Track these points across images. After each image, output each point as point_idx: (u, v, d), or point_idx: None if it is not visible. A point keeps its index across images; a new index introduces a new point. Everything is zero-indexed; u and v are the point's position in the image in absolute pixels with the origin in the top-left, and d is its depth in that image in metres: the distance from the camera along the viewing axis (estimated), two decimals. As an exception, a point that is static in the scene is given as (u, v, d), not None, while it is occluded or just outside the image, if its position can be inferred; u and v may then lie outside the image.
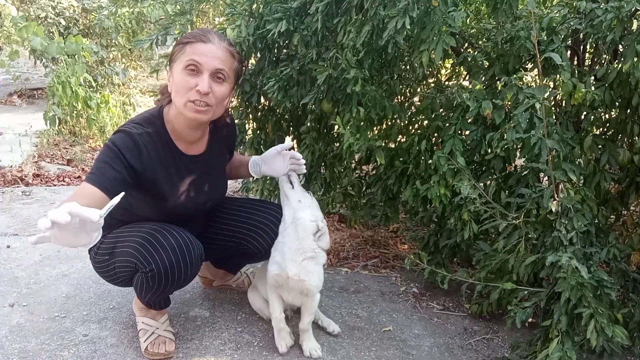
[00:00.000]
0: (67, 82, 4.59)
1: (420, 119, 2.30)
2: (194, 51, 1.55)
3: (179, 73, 1.56)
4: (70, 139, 4.84)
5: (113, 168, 1.47)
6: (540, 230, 1.72)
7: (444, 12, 1.65)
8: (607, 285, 1.56)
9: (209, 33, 1.61)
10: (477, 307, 2.04)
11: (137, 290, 1.69)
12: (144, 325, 1.78)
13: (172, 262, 1.54)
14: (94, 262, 1.74)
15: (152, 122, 1.61)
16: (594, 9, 1.67)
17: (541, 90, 1.66)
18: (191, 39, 1.58)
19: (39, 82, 7.19)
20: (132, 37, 5.88)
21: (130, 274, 1.64)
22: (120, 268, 1.64)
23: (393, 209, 2.28)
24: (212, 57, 1.56)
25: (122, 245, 1.62)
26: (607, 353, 1.56)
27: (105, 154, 1.50)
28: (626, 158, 1.82)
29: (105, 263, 1.68)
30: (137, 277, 1.62)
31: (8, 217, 2.93)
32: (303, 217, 1.71)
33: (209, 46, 1.57)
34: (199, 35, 1.59)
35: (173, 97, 1.59)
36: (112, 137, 1.54)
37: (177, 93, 1.56)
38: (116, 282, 1.74)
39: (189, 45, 1.56)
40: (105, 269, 1.70)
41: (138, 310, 1.83)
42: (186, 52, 1.56)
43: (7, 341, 1.79)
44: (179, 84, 1.55)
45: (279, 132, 2.43)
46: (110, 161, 1.48)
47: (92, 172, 1.47)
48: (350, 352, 1.83)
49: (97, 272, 1.77)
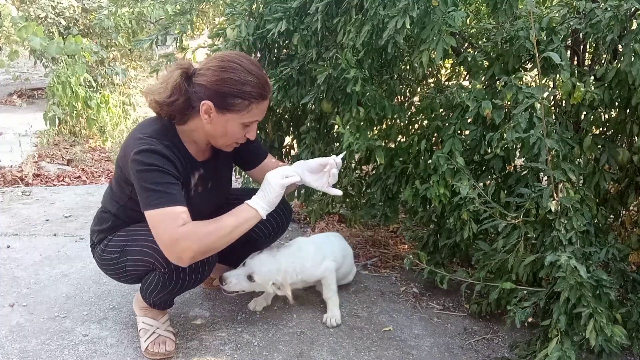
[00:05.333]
0: (67, 82, 4.59)
1: (420, 119, 2.30)
2: (259, 110, 1.59)
3: (236, 124, 1.58)
4: (70, 139, 4.84)
5: (170, 183, 1.51)
6: (540, 230, 1.73)
7: (444, 12, 1.65)
8: (606, 285, 1.56)
9: (268, 85, 1.61)
10: (477, 307, 2.04)
11: (146, 289, 1.69)
12: (144, 325, 1.78)
13: (190, 266, 1.57)
14: (100, 259, 1.75)
15: (166, 135, 1.59)
16: (594, 9, 1.67)
17: (540, 90, 1.67)
18: (257, 97, 1.56)
19: (39, 82, 7.19)
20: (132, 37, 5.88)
21: (143, 272, 1.66)
22: (132, 266, 1.66)
23: (393, 208, 2.28)
24: (265, 110, 1.63)
25: (135, 244, 1.64)
26: (606, 353, 1.56)
27: (154, 175, 1.49)
28: (625, 158, 1.82)
29: (114, 261, 1.69)
30: (151, 276, 1.65)
31: (8, 217, 2.93)
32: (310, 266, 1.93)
33: (267, 101, 1.61)
34: (265, 92, 1.58)
35: (215, 135, 1.60)
36: (141, 157, 1.49)
37: (224, 136, 1.61)
38: (123, 279, 1.76)
39: (255, 104, 1.56)
40: (113, 267, 1.71)
41: (139, 310, 1.83)
42: (252, 112, 1.57)
43: (7, 341, 1.79)
44: (231, 132, 1.60)
45: (279, 132, 2.43)
46: (164, 179, 1.50)
47: (160, 198, 1.48)
48: (350, 352, 1.83)
49: (102, 269, 1.78)
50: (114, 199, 1.73)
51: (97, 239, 1.77)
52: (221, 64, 1.54)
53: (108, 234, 1.73)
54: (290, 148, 2.62)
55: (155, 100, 1.57)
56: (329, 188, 1.73)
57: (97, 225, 1.78)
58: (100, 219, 1.78)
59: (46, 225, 2.84)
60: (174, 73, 1.56)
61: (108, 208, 1.75)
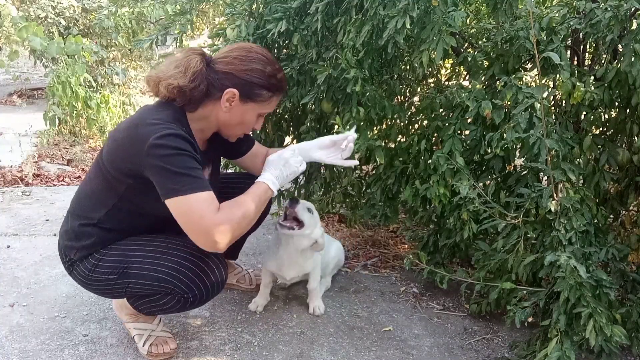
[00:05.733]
0: (67, 82, 4.58)
1: (420, 119, 2.30)
2: (275, 103, 1.63)
3: (253, 114, 1.60)
4: (70, 139, 4.83)
5: (197, 168, 1.44)
6: (540, 230, 1.73)
7: (444, 12, 1.65)
8: (606, 285, 1.56)
9: (286, 79, 1.66)
10: (477, 307, 2.04)
11: (151, 307, 1.63)
12: (138, 331, 1.73)
13: (213, 288, 1.58)
14: (85, 278, 1.59)
15: (180, 121, 1.50)
16: (594, 9, 1.67)
17: (540, 90, 1.67)
18: (280, 90, 1.61)
19: (39, 82, 7.19)
20: (132, 37, 5.88)
21: (150, 294, 1.58)
22: (137, 289, 1.57)
23: (393, 208, 2.28)
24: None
25: (141, 266, 1.54)
26: (605, 353, 1.57)
27: (182, 160, 1.41)
28: (625, 158, 1.82)
29: (109, 282, 1.57)
30: (165, 299, 1.57)
31: (8, 217, 2.93)
32: (306, 242, 1.89)
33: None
34: (285, 86, 1.65)
35: (230, 123, 1.60)
36: (165, 141, 1.40)
37: (240, 124, 1.61)
38: (114, 297, 1.69)
39: (276, 96, 1.61)
40: (106, 287, 1.59)
41: (126, 316, 1.76)
42: (271, 104, 1.61)
43: (7, 341, 1.79)
44: (246, 121, 1.60)
45: (279, 132, 2.43)
46: (192, 164, 1.43)
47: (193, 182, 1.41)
48: (350, 352, 1.83)
49: (84, 286, 1.64)
50: (99, 203, 1.57)
51: (78, 257, 1.58)
52: (248, 54, 1.53)
53: (92, 250, 1.57)
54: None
55: (178, 85, 1.47)
56: (344, 161, 1.73)
57: (75, 240, 1.59)
58: (79, 233, 1.58)
59: (46, 225, 2.84)
60: (192, 58, 1.50)
61: (89, 216, 1.58)
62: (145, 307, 1.65)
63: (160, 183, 1.41)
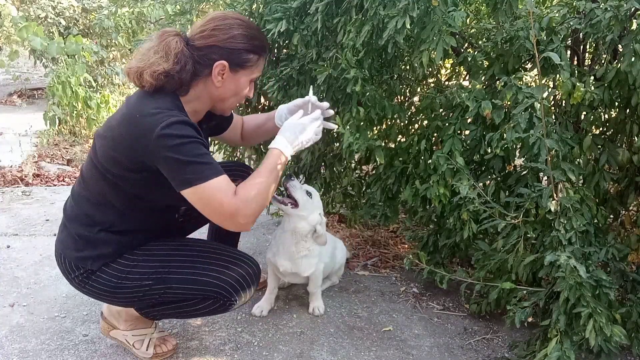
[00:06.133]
0: (67, 82, 4.59)
1: (420, 119, 2.30)
2: (262, 65, 1.57)
3: (245, 82, 1.54)
4: (70, 139, 4.83)
5: (207, 153, 1.41)
6: (539, 230, 1.73)
7: (444, 12, 1.65)
8: (605, 285, 1.56)
9: (265, 36, 1.60)
10: (477, 307, 2.04)
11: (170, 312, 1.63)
12: (138, 337, 1.71)
13: (251, 290, 1.62)
14: (114, 287, 1.52)
15: (178, 107, 1.45)
16: (594, 9, 1.67)
17: (540, 90, 1.67)
18: (264, 50, 1.55)
19: (39, 82, 7.19)
20: (132, 37, 5.88)
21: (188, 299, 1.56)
22: (174, 293, 1.55)
23: (392, 208, 2.28)
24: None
25: (185, 272, 1.53)
26: (605, 353, 1.57)
27: (193, 147, 1.37)
28: (625, 158, 1.82)
29: (141, 287, 1.52)
30: (203, 303, 1.57)
31: (8, 217, 2.93)
32: (302, 225, 1.84)
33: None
34: (267, 44, 1.56)
35: (225, 96, 1.54)
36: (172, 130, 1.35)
37: (235, 95, 1.56)
38: (139, 304, 1.62)
39: (262, 57, 1.54)
40: (135, 293, 1.54)
41: (124, 324, 1.71)
42: (259, 66, 1.55)
43: (7, 341, 1.79)
44: (240, 90, 1.55)
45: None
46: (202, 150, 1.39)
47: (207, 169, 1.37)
48: (350, 352, 1.83)
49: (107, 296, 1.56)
50: (106, 207, 1.52)
51: (97, 266, 1.52)
52: (225, 22, 1.47)
53: (115, 257, 1.52)
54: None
55: (164, 70, 1.40)
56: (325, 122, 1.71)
57: (89, 249, 1.51)
58: (93, 240, 1.52)
59: (46, 225, 2.84)
60: (170, 40, 1.43)
61: (99, 222, 1.52)
62: (163, 312, 1.64)
63: (173, 174, 1.39)
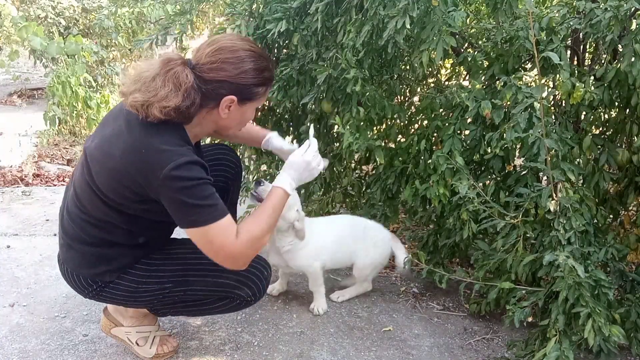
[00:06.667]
0: (67, 82, 4.59)
1: (420, 119, 2.30)
2: (269, 91, 1.60)
3: (251, 112, 1.56)
4: (70, 139, 4.83)
5: (213, 193, 1.41)
6: (539, 230, 1.73)
7: (444, 12, 1.66)
8: (604, 285, 1.56)
9: (272, 61, 1.64)
10: (476, 307, 2.04)
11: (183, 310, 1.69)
12: (141, 334, 1.71)
13: (265, 287, 1.66)
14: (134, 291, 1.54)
15: (184, 139, 1.43)
16: (594, 9, 1.67)
17: (540, 89, 1.67)
18: (271, 79, 1.55)
19: (39, 82, 7.18)
20: (132, 37, 5.88)
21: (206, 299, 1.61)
22: (194, 295, 1.59)
23: (392, 208, 2.29)
24: None
25: (203, 273, 1.57)
26: (604, 352, 1.57)
27: (201, 190, 1.38)
28: (625, 158, 1.83)
29: (162, 290, 1.56)
30: (219, 302, 1.62)
31: (8, 217, 2.93)
32: (280, 223, 1.84)
33: None
34: (273, 72, 1.57)
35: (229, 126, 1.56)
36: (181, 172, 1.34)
37: (240, 124, 1.59)
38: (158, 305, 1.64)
39: (269, 86, 1.56)
40: (155, 296, 1.56)
41: (129, 320, 1.71)
42: (266, 94, 1.58)
43: (7, 341, 1.79)
44: (246, 119, 1.58)
45: (279, 132, 2.43)
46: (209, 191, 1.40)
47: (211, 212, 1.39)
48: (350, 352, 1.83)
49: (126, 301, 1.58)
50: (111, 227, 1.49)
51: (115, 276, 1.53)
52: (236, 54, 1.42)
53: (131, 264, 1.54)
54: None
55: (174, 107, 1.35)
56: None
57: (102, 265, 1.52)
58: (105, 256, 1.52)
59: (46, 225, 2.84)
60: (179, 72, 1.36)
61: (108, 239, 1.51)
62: (177, 310, 1.68)
63: (178, 214, 1.40)
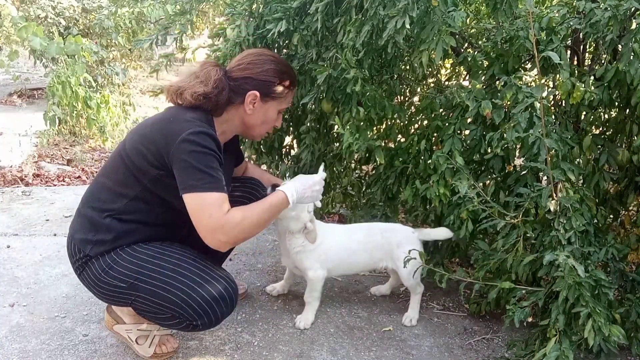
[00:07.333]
0: (67, 82, 4.59)
1: (420, 119, 2.30)
2: (290, 98, 1.79)
3: (274, 112, 1.74)
4: (70, 139, 4.84)
5: (218, 169, 1.51)
6: (539, 230, 1.73)
7: (444, 12, 1.66)
8: (604, 285, 1.56)
9: (296, 74, 1.84)
10: (476, 307, 2.04)
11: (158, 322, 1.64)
12: (142, 332, 1.71)
13: (222, 315, 1.59)
14: (96, 279, 1.56)
15: (209, 123, 1.60)
16: (593, 9, 1.67)
17: (540, 89, 1.67)
18: (293, 85, 1.76)
19: (39, 82, 7.18)
20: (132, 37, 5.88)
21: (159, 312, 1.57)
22: (143, 304, 1.56)
23: (393, 208, 2.29)
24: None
25: (152, 284, 1.53)
26: (604, 352, 1.57)
27: (208, 158, 1.48)
28: (625, 158, 1.83)
29: (117, 289, 1.55)
30: (173, 322, 1.58)
31: (8, 217, 2.93)
32: (294, 224, 1.87)
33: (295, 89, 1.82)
34: (296, 80, 1.78)
35: (255, 124, 1.73)
36: (198, 138, 1.47)
37: (263, 123, 1.75)
38: (116, 304, 1.67)
39: (290, 91, 1.76)
40: (113, 294, 1.57)
41: (129, 317, 1.72)
42: (287, 99, 1.77)
43: (7, 341, 1.79)
44: (269, 119, 1.75)
45: (279, 132, 2.43)
46: (215, 164, 1.50)
47: (212, 182, 1.47)
48: (350, 352, 1.83)
49: (93, 289, 1.60)
50: (119, 194, 1.57)
51: (94, 252, 1.55)
52: (260, 57, 1.69)
53: (109, 247, 1.56)
54: (290, 148, 2.62)
55: (203, 92, 1.58)
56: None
57: (92, 232, 1.57)
58: (97, 224, 1.57)
59: (46, 225, 2.85)
60: (210, 69, 1.63)
61: (108, 208, 1.57)
62: (150, 318, 1.65)
63: (182, 177, 1.48)
